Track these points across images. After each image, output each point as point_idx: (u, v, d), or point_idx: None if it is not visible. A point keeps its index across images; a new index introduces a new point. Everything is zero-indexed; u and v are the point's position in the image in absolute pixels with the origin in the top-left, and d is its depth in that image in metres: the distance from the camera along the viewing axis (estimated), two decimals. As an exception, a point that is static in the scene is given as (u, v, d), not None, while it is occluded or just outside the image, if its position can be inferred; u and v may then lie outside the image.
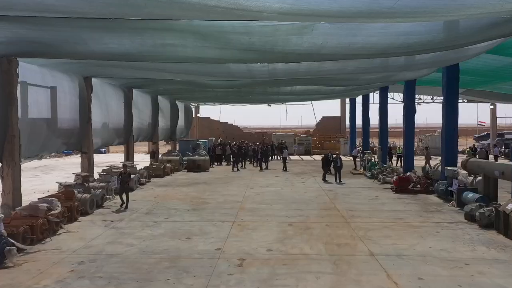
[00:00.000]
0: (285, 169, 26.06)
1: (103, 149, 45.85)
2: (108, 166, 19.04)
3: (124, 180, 14.50)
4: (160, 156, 28.00)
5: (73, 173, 15.99)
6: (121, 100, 21.15)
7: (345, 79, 19.72)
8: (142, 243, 10.35)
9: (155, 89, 23.61)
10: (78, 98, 16.70)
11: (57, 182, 15.26)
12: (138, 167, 23.06)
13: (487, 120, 52.91)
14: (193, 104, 43.72)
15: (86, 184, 15.33)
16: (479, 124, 69.72)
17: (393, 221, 12.51)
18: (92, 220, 12.90)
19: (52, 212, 11.19)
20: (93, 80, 18.11)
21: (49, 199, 11.71)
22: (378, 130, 27.05)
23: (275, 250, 9.76)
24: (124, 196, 14.52)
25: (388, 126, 28.62)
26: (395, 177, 18.15)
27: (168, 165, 24.74)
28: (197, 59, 11.52)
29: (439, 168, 19.73)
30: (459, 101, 43.78)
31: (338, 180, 20.29)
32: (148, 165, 24.55)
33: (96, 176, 17.93)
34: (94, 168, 18.29)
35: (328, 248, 9.87)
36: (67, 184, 13.93)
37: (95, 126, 18.31)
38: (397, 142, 41.46)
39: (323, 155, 22.94)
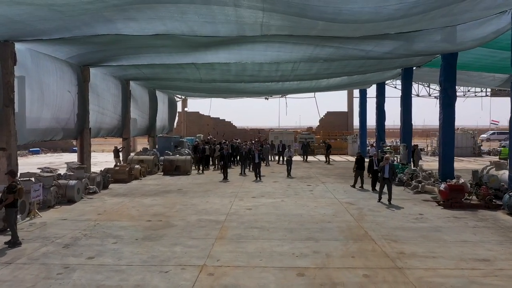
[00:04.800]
0: (289, 174, 20.01)
1: (75, 148, 40.43)
2: (40, 168, 13.74)
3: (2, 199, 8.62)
4: (132, 155, 22.75)
5: (-30, 179, 10.73)
6: (69, 80, 15.78)
7: (365, 51, 14.53)
8: (1, 331, 5.07)
9: (121, 66, 18.19)
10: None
11: None
12: (97, 169, 17.92)
13: (502, 118, 48.02)
14: (179, 96, 38.44)
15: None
16: (492, 123, 64.80)
17: (477, 267, 7.25)
18: (-40, 262, 7.59)
19: None
20: (18, 47, 12.83)
21: None
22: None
23: None
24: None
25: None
26: (442, 185, 12.89)
27: (137, 166, 19.44)
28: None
29: (492, 172, 14.65)
30: (482, 94, 38.70)
31: (388, 201, 13.06)
32: (114, 166, 19.33)
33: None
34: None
35: None
36: None
37: (21, 114, 13.05)
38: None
39: (357, 155, 17.21)
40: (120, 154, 22.53)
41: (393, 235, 9.34)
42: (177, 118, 37.65)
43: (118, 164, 19.85)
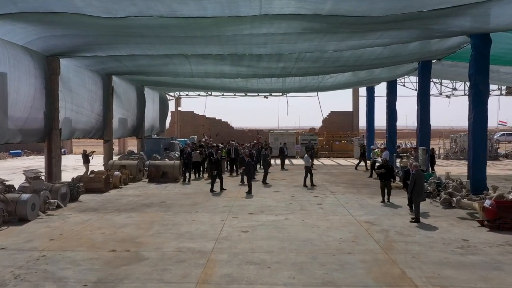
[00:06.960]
0: (310, 183, 16.76)
1: (63, 150, 37.86)
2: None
3: None
4: (114, 159, 20.19)
5: None
6: (26, 71, 13.10)
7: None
8: None
9: (96, 57, 15.64)
10: None
11: None
12: (78, 174, 15.41)
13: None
14: (172, 95, 35.89)
15: None
16: (499, 124, 62.27)
17: None
18: None
19: None
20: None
21: None
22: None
23: None
24: None
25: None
26: (488, 201, 10.30)
27: (117, 173, 16.86)
28: None
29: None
30: (499, 93, 36.15)
31: (414, 218, 10.69)
32: (90, 173, 16.73)
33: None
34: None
35: None
36: None
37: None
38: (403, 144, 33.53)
39: (382, 163, 14.33)
40: (90, 159, 19.81)
41: (442, 277, 6.77)
42: (169, 118, 35.11)
43: (88, 171, 17.22)
